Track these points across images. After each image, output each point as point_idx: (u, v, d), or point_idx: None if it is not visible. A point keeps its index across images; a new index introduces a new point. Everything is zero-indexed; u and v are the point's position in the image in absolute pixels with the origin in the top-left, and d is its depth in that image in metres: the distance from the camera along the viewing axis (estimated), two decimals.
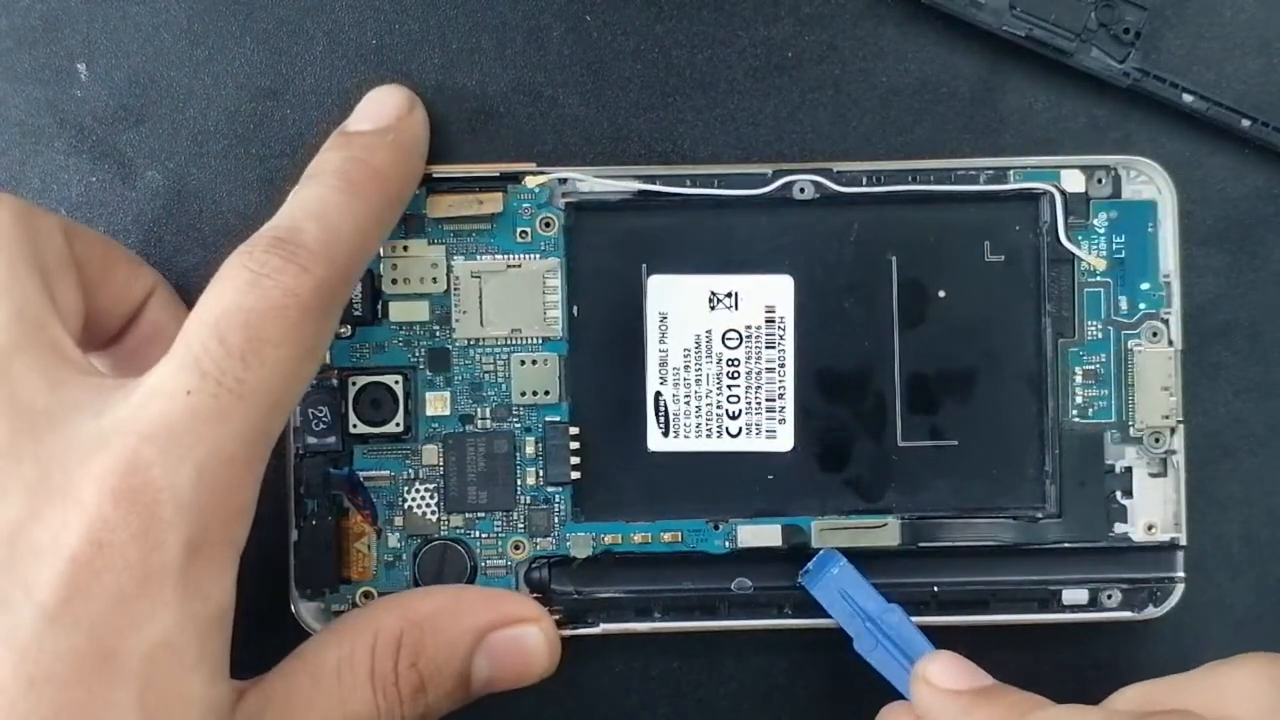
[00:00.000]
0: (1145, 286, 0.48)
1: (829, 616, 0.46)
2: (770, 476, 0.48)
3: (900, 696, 0.45)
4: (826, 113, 0.49)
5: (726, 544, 0.47)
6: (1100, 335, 0.48)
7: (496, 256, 0.47)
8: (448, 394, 0.47)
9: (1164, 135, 0.49)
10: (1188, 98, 0.48)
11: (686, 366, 0.47)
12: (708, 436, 0.48)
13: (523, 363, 0.47)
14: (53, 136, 0.49)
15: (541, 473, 0.47)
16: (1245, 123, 0.48)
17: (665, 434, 0.47)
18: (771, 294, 0.47)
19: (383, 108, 0.46)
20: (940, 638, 0.47)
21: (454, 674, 0.43)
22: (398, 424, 0.47)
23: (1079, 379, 0.48)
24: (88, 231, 0.44)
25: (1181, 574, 0.47)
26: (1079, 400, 0.48)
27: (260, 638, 0.46)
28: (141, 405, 0.37)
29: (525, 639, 0.44)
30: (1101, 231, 0.48)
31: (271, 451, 0.40)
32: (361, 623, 0.43)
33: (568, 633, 0.47)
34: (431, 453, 0.47)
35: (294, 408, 0.41)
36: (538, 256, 0.47)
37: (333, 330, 0.41)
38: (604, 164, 0.48)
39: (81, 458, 0.37)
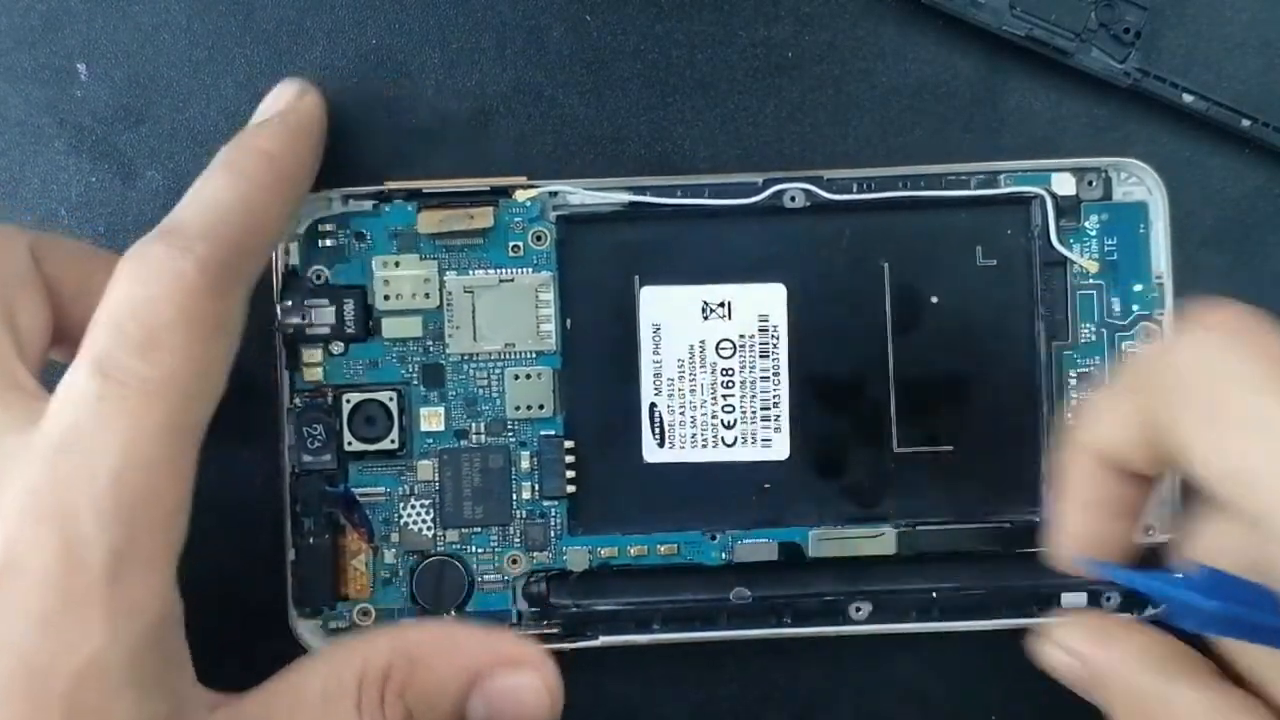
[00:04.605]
0: (1138, 288, 0.47)
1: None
2: (767, 485, 0.48)
3: None
4: (826, 113, 0.49)
5: (723, 556, 0.48)
6: (1094, 338, 0.48)
7: (489, 271, 0.47)
8: (442, 409, 0.47)
9: (1164, 135, 0.48)
10: (1188, 98, 0.47)
11: (681, 377, 0.47)
12: (703, 447, 0.48)
13: (517, 377, 0.47)
14: (53, 136, 0.49)
15: (537, 486, 0.47)
16: (1245, 123, 0.48)
17: (661, 445, 0.48)
18: (764, 303, 0.47)
19: (274, 101, 0.47)
20: (940, 643, 0.48)
21: (444, 714, 0.41)
22: (392, 440, 0.47)
23: (1074, 381, 0.48)
24: (61, 244, 0.44)
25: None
26: (1074, 403, 0.47)
27: (258, 656, 0.46)
28: (54, 418, 0.37)
29: (526, 691, 0.42)
30: (1093, 234, 0.48)
31: (200, 443, 0.39)
32: (351, 651, 0.42)
33: (568, 646, 0.47)
34: (427, 468, 0.47)
35: (214, 394, 0.39)
36: (530, 270, 0.47)
37: (237, 310, 0.40)
38: (604, 164, 0.49)
39: (3, 481, 0.36)
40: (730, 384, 0.47)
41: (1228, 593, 0.36)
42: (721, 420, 0.48)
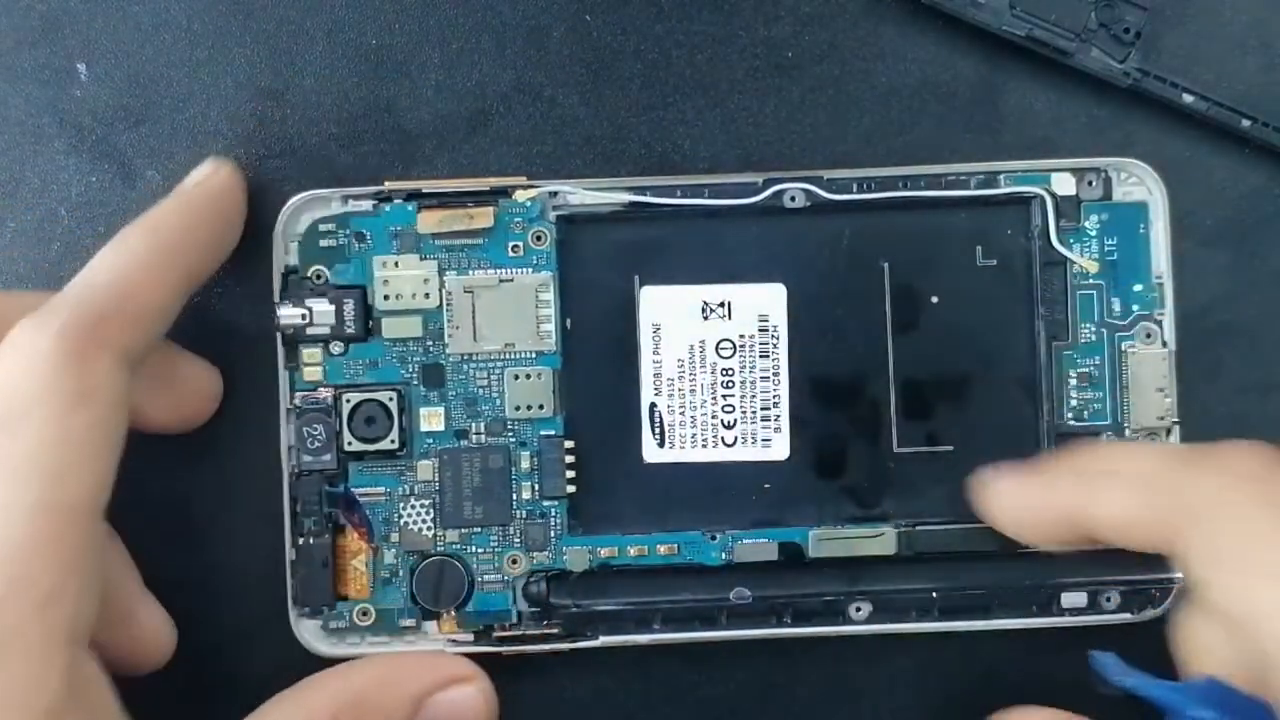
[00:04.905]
0: (1138, 288, 0.48)
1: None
2: (766, 485, 0.48)
3: None
4: (826, 113, 0.49)
5: (723, 556, 0.47)
6: (1094, 338, 0.48)
7: (489, 271, 0.47)
8: (442, 409, 0.47)
9: (1164, 135, 0.48)
10: (1188, 98, 0.47)
11: (681, 377, 0.47)
12: (703, 447, 0.48)
13: (516, 377, 0.47)
14: (53, 136, 0.49)
15: (537, 486, 0.47)
16: (1245, 123, 0.48)
17: (661, 445, 0.48)
18: (764, 303, 0.47)
19: (188, 178, 0.47)
20: (941, 643, 0.48)
21: None
22: (392, 440, 0.47)
23: (1074, 382, 0.48)
24: None
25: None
26: (1074, 403, 0.48)
27: (261, 657, 0.47)
28: None
29: (464, 700, 0.44)
30: (1093, 234, 0.48)
31: (95, 516, 0.39)
32: (292, 707, 0.42)
33: (568, 646, 0.47)
34: (426, 468, 0.47)
35: (95, 466, 0.39)
36: (530, 270, 0.47)
37: (109, 378, 0.40)
38: (604, 164, 0.49)
39: None
40: (730, 384, 0.47)
41: (1226, 703, 0.36)
42: (721, 420, 0.48)
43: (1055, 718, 0.42)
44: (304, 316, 0.47)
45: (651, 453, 0.48)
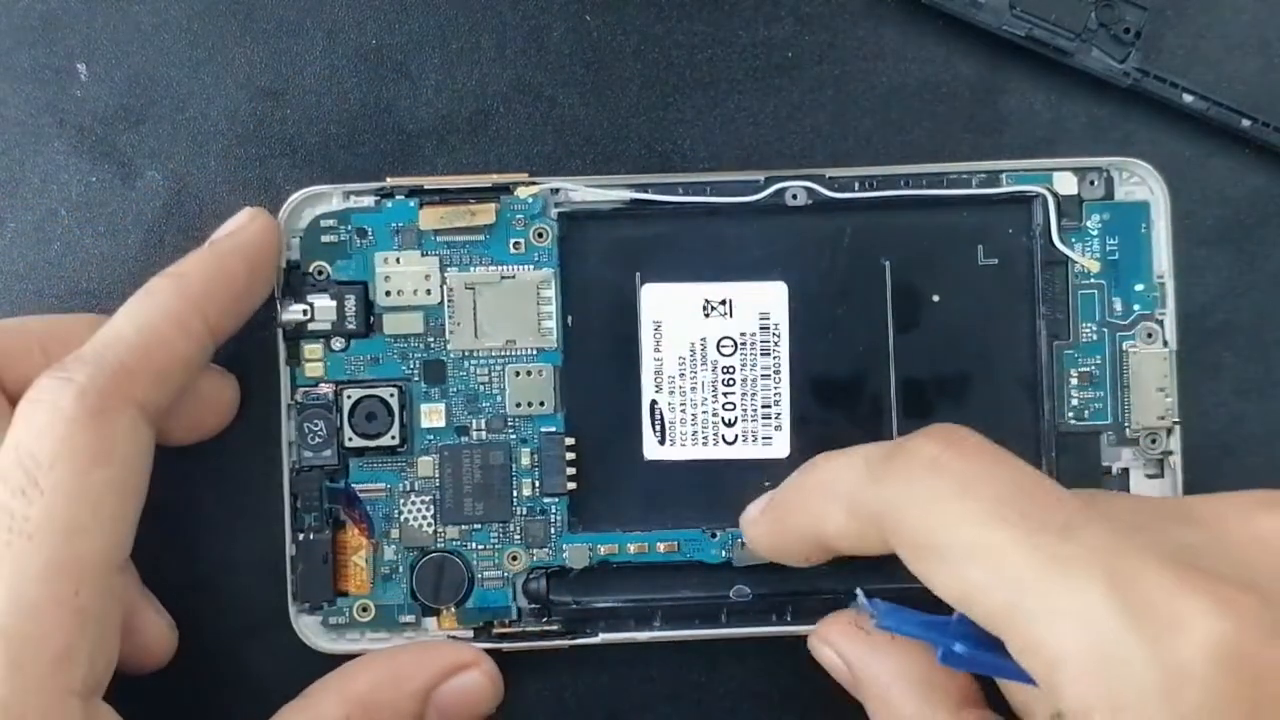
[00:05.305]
0: (1139, 288, 0.48)
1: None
2: (767, 484, 0.47)
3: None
4: (826, 113, 0.49)
5: (724, 553, 0.47)
6: (1095, 337, 0.48)
7: (490, 268, 0.47)
8: (443, 406, 0.47)
9: (1164, 135, 0.49)
10: (1188, 98, 0.48)
11: (682, 374, 0.47)
12: (704, 444, 0.48)
13: (518, 374, 0.47)
14: (53, 136, 0.49)
15: (537, 483, 0.47)
16: (1245, 123, 0.48)
17: (661, 442, 0.48)
18: (765, 301, 0.47)
19: (226, 225, 0.46)
20: None
21: None
22: (393, 437, 0.47)
23: (1074, 381, 0.48)
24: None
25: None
26: (1074, 402, 0.48)
27: (261, 653, 0.47)
28: None
29: (469, 686, 0.45)
30: (1095, 233, 0.48)
31: (111, 572, 0.39)
32: (302, 715, 0.43)
33: (567, 643, 0.47)
34: (427, 465, 0.47)
35: (112, 524, 0.39)
36: (531, 267, 0.47)
37: (129, 434, 0.40)
38: (604, 164, 0.49)
39: None
40: (731, 382, 0.47)
41: (976, 637, 0.38)
42: (722, 418, 0.48)
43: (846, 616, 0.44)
44: (305, 312, 0.47)
45: (652, 450, 0.48)
